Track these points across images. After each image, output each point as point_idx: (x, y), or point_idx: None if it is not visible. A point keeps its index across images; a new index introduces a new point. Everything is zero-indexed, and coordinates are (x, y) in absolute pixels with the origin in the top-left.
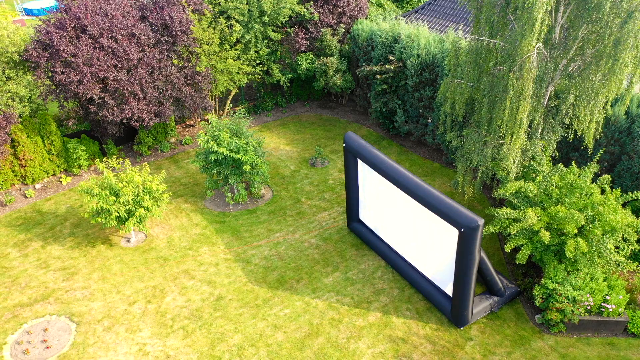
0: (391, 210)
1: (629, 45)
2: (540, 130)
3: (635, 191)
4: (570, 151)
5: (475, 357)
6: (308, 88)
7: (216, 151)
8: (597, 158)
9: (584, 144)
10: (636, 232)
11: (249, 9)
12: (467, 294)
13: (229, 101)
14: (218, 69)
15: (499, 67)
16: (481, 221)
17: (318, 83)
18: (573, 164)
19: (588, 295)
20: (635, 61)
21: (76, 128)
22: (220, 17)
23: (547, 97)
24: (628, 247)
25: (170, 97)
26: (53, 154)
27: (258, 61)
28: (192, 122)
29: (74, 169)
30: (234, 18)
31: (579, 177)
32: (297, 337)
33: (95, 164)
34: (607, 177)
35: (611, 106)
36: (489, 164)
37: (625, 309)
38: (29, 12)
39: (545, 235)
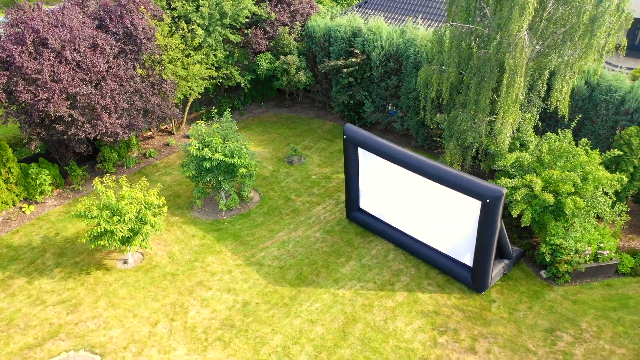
0: (399, 194)
1: (605, 22)
2: (521, 105)
3: (610, 150)
4: (538, 121)
5: (503, 316)
6: (262, 89)
7: (210, 158)
8: (574, 125)
9: (556, 115)
10: (621, 184)
11: (209, 12)
12: (489, 261)
13: (187, 108)
14: (182, 75)
15: (482, 50)
16: (504, 190)
17: (280, 82)
18: (559, 131)
19: (587, 246)
20: (605, 36)
21: (39, 150)
22: (181, 21)
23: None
24: (609, 199)
25: (140, 108)
26: (11, 183)
27: (217, 65)
28: (150, 133)
29: (36, 196)
30: (195, 22)
31: (567, 143)
32: (336, 328)
33: (59, 188)
34: (585, 140)
35: None
36: (484, 140)
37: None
38: None
39: (550, 197)
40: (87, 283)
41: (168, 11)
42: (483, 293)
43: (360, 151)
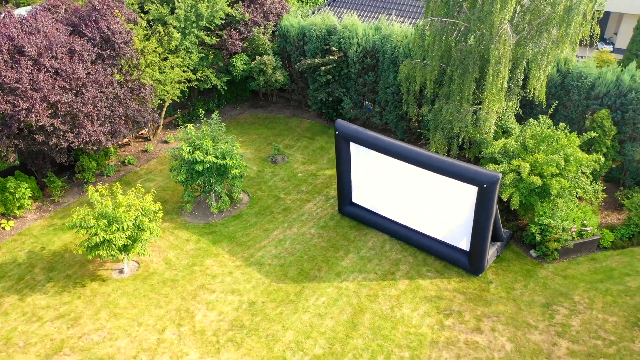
0: (393, 186)
1: (580, 12)
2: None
3: (585, 132)
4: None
5: (502, 296)
6: (236, 90)
7: (203, 160)
8: (552, 110)
9: (532, 102)
10: (599, 164)
11: (185, 14)
12: (486, 244)
13: (163, 112)
14: (160, 80)
15: (464, 43)
16: (500, 175)
17: (256, 82)
18: (541, 117)
19: (572, 223)
20: (579, 25)
21: (17, 163)
22: (158, 25)
23: None
24: (587, 179)
25: (121, 114)
26: None
27: (192, 68)
28: (126, 140)
29: (15, 211)
30: (171, 24)
31: (546, 128)
32: (345, 319)
33: (37, 202)
34: (564, 125)
35: None
36: (470, 129)
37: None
38: None
39: (537, 179)
40: (84, 295)
41: (142, 15)
42: (480, 275)
43: (352, 145)
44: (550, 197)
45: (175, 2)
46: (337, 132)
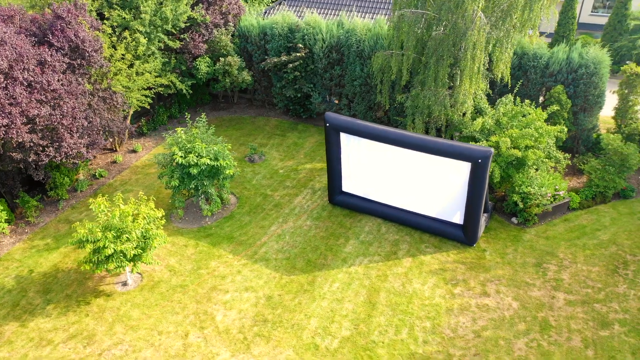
0: (386, 171)
1: None
2: None
3: (550, 106)
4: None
5: (497, 261)
6: (196, 94)
7: (197, 163)
8: (517, 89)
9: (493, 84)
10: (564, 135)
11: (150, 19)
12: (479, 216)
13: (128, 121)
14: (129, 87)
15: (436, 32)
16: (492, 150)
17: (222, 84)
18: (509, 96)
19: (547, 190)
20: (540, 10)
21: None
22: (124, 31)
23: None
24: (552, 148)
25: (98, 124)
26: None
27: (157, 73)
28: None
29: None
30: (137, 30)
31: (515, 105)
32: (362, 301)
33: (10, 224)
34: (528, 102)
35: None
36: (449, 112)
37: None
38: None
39: (517, 152)
40: (92, 312)
41: (105, 22)
42: (474, 245)
43: (343, 136)
44: (525, 167)
45: (141, 7)
46: (327, 124)
